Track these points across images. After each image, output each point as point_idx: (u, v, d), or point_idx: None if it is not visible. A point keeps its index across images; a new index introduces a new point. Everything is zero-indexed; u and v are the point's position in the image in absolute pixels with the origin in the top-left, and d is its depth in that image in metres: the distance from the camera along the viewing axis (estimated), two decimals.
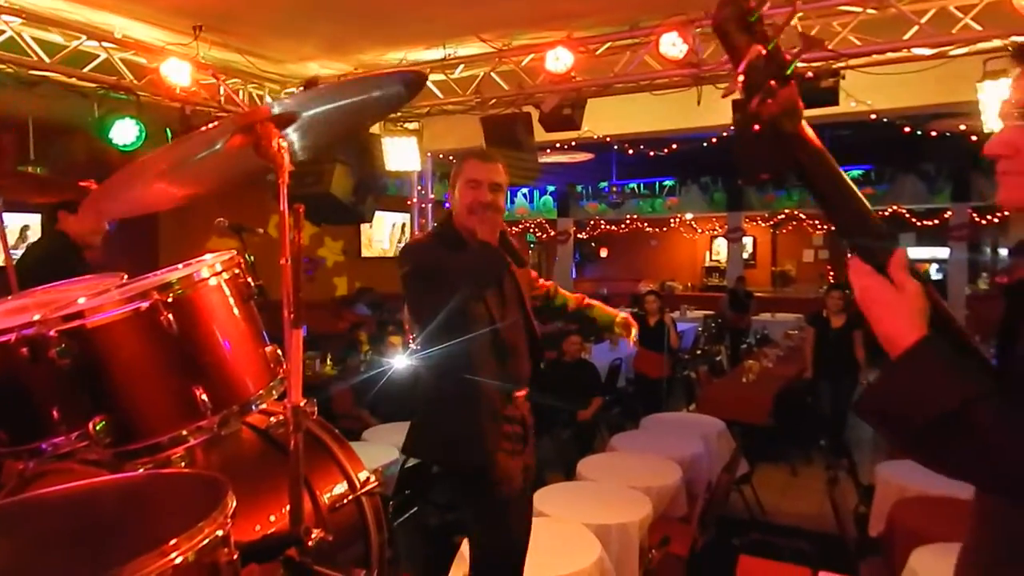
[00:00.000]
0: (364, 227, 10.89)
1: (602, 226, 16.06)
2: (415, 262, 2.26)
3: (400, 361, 6.10)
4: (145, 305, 1.21)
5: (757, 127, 0.95)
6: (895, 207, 12.25)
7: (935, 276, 13.56)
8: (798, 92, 0.95)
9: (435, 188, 7.96)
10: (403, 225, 11.71)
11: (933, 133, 7.26)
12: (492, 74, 5.23)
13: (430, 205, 7.53)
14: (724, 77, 4.45)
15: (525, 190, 14.69)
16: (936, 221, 12.52)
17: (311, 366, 6.35)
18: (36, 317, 1.28)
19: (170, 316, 1.22)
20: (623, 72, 4.81)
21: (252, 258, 2.90)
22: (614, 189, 13.30)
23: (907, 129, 7.59)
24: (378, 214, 7.69)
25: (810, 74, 4.24)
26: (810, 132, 0.98)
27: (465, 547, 2.83)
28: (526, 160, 5.30)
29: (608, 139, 6.33)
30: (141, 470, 1.29)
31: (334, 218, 6.21)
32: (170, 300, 1.23)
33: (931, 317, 0.89)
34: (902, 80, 4.31)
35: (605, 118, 5.68)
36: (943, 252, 13.17)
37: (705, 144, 7.83)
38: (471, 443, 2.18)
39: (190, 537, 0.89)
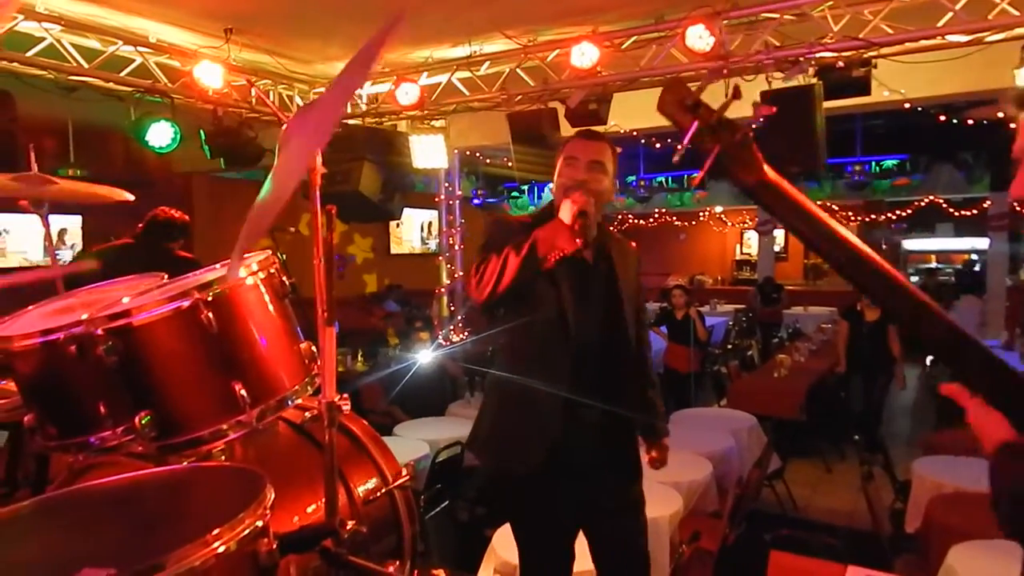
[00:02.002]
0: (392, 224, 11.00)
1: (630, 220, 15.97)
2: (483, 239, 2.06)
3: (428, 356, 6.17)
4: (186, 304, 1.26)
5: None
6: (931, 197, 11.98)
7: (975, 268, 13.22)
8: (751, 149, 1.08)
9: (462, 185, 8.00)
10: (430, 223, 11.79)
11: (970, 121, 7.09)
12: (517, 70, 5.24)
13: (457, 202, 7.57)
14: (752, 69, 4.40)
15: (552, 185, 14.65)
16: (974, 211, 12.21)
17: (342, 362, 6.44)
18: (83, 316, 1.33)
19: (210, 314, 1.26)
20: (649, 66, 4.78)
21: (284, 256, 2.97)
22: (642, 183, 13.23)
23: (942, 117, 7.42)
24: (406, 211, 7.78)
25: (841, 64, 4.17)
26: (777, 179, 1.08)
27: (496, 540, 2.87)
28: (552, 156, 5.28)
29: (635, 133, 6.29)
30: (184, 463, 1.34)
31: (363, 216, 6.29)
32: (210, 299, 1.27)
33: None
34: (936, 68, 4.21)
35: (632, 112, 5.64)
36: (982, 243, 12.83)
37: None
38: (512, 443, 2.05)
39: (232, 528, 0.93)
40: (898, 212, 13.49)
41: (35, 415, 1.47)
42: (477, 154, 8.02)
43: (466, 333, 7.34)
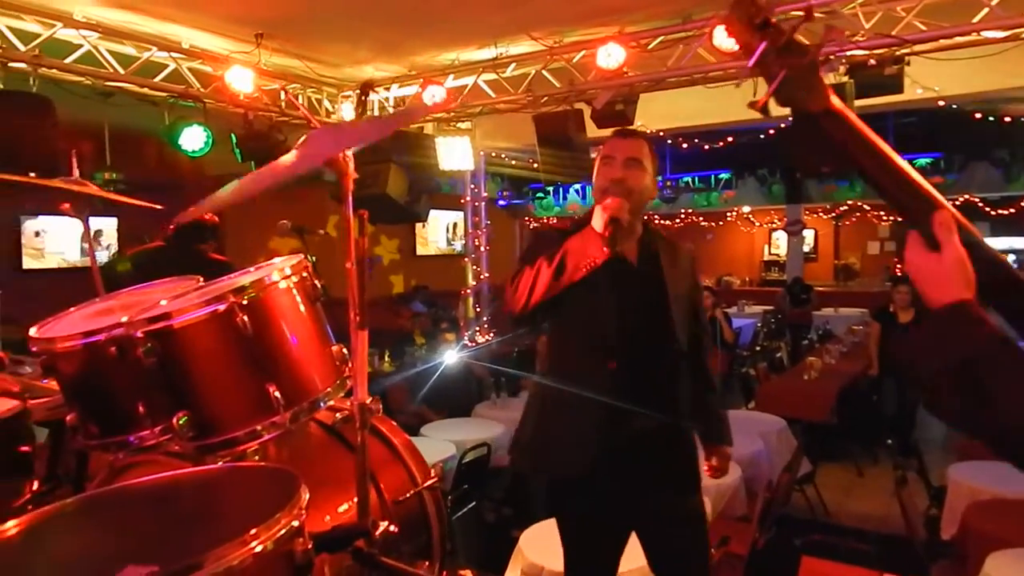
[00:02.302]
0: (418, 226, 11.06)
1: (656, 221, 15.86)
2: (522, 251, 2.08)
3: (454, 357, 6.19)
4: (222, 307, 1.28)
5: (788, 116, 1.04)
6: (967, 196, 11.70)
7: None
8: (818, 75, 1.02)
9: (488, 186, 8.03)
10: (455, 224, 11.84)
11: (1007, 119, 6.91)
12: (543, 72, 5.24)
13: (483, 203, 7.60)
14: None
15: (577, 186, 14.61)
16: (1012, 210, 11.90)
17: (369, 362, 6.50)
18: (123, 319, 1.37)
19: (245, 318, 1.29)
20: (676, 66, 4.75)
21: (314, 259, 3.00)
22: (668, 183, 13.13)
23: (978, 115, 7.25)
24: (432, 213, 7.82)
25: (872, 61, 4.10)
26: (842, 108, 1.02)
27: (523, 541, 2.87)
28: (578, 157, 5.29)
29: (661, 133, 6.26)
30: (219, 463, 1.37)
31: (390, 218, 6.34)
32: (245, 302, 1.30)
33: (984, 274, 0.92)
34: (971, 64, 4.12)
35: (658, 112, 5.62)
36: (1020, 242, 12.50)
37: (762, 136, 7.66)
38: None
39: (268, 527, 0.95)
40: None
41: (77, 414, 1.51)
42: (502, 155, 8.03)
43: (492, 334, 7.36)
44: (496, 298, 7.30)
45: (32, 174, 3.88)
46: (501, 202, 12.50)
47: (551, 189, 14.53)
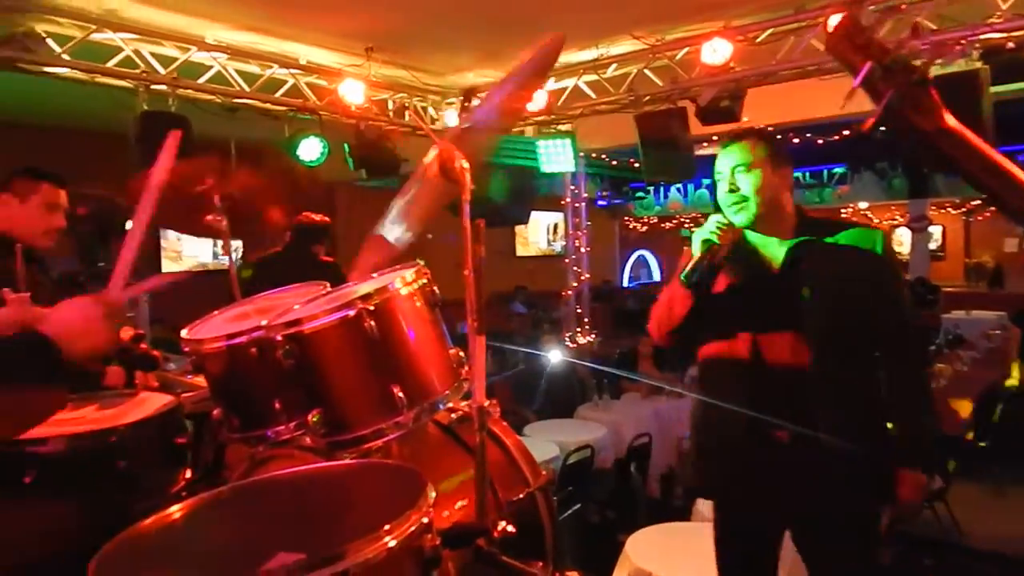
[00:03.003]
0: (518, 227, 11.20)
1: None
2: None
3: (555, 358, 6.22)
4: (352, 313, 1.36)
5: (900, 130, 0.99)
6: None
7: None
8: (929, 92, 0.97)
9: (587, 187, 8.00)
10: (555, 225, 11.88)
11: None
12: (645, 71, 5.17)
13: (583, 204, 7.59)
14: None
15: (678, 185, 14.28)
16: None
17: None
18: (263, 323, 1.48)
19: (372, 322, 1.36)
20: (787, 59, 4.56)
21: (421, 262, 3.12)
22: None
23: None
24: (532, 214, 7.90)
25: (1011, 44, 3.77)
26: (957, 127, 0.98)
27: (630, 546, 2.85)
28: (682, 156, 5.18)
29: (770, 128, 6.00)
30: (347, 459, 1.46)
31: (492, 220, 6.44)
32: (372, 308, 1.37)
33: None
34: None
35: (767, 107, 5.39)
36: None
37: (883, 128, 7.17)
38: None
39: (400, 523, 1.00)
40: None
41: (222, 409, 1.65)
42: (603, 156, 7.99)
43: (594, 335, 7.33)
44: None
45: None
46: (601, 202, 12.42)
47: (651, 188, 14.27)
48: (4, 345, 1.09)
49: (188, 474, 1.69)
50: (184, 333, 1.66)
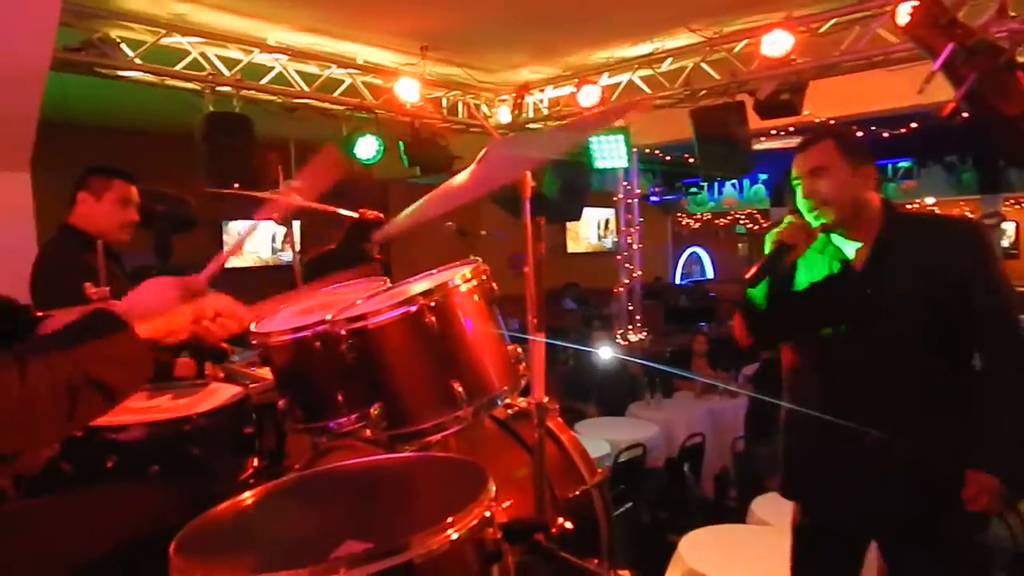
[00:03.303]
0: (569, 223, 11.15)
1: None
2: None
3: (606, 355, 6.18)
4: (413, 309, 1.39)
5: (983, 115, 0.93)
6: None
7: None
8: (1015, 75, 0.89)
9: (640, 183, 7.91)
10: (607, 221, 11.80)
11: None
12: (702, 64, 5.08)
13: (636, 200, 7.51)
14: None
15: (733, 180, 13.98)
16: None
17: None
18: (327, 317, 1.53)
19: (433, 318, 1.39)
20: (851, 49, 4.41)
21: (478, 259, 3.15)
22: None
23: None
24: (584, 210, 7.84)
25: None
26: None
27: (683, 547, 2.82)
28: (739, 151, 5.07)
29: (832, 122, 5.82)
30: (407, 451, 1.49)
31: (544, 217, 6.44)
32: (433, 304, 1.40)
33: None
34: None
35: (829, 99, 5.24)
36: None
37: (951, 120, 6.86)
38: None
39: (463, 516, 1.02)
40: None
41: (287, 400, 1.70)
42: (656, 151, 7.88)
43: (645, 332, 7.26)
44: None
45: (236, 185, 4.41)
46: (653, 198, 12.25)
47: (704, 184, 14.02)
48: (76, 321, 1.14)
49: (255, 462, 1.75)
50: (252, 326, 1.72)
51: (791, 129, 6.62)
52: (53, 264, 2.49)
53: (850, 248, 1.90)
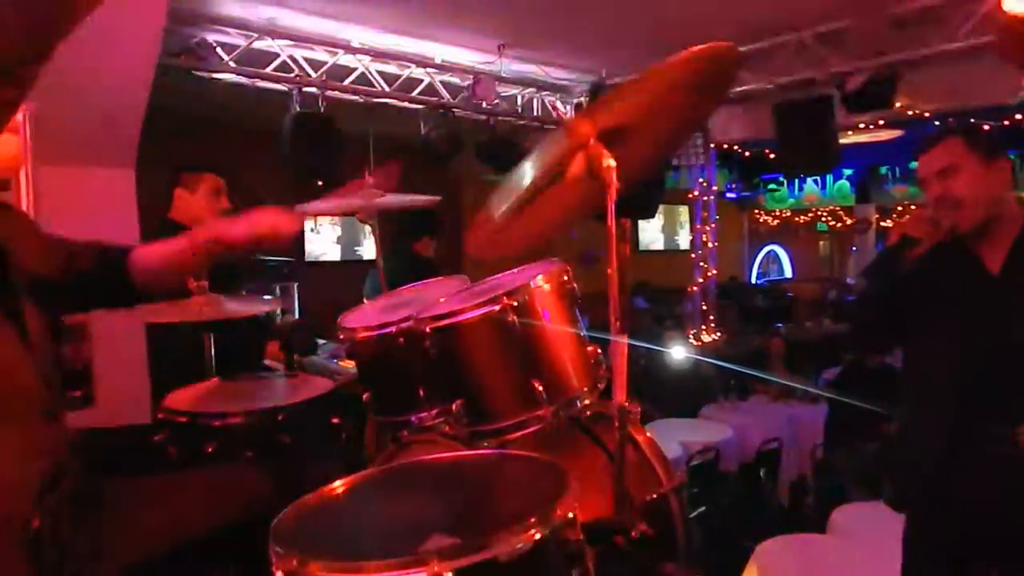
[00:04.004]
0: (641, 221, 11.00)
1: (911, 212, 13.98)
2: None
3: (679, 355, 6.07)
4: (496, 308, 1.42)
5: None
6: None
7: None
8: None
9: (716, 180, 7.72)
10: (679, 218, 11.57)
11: None
12: (787, 56, 4.91)
13: (712, 197, 7.33)
14: None
15: (817, 176, 13.42)
16: None
17: None
18: (412, 314, 1.57)
19: (515, 318, 1.41)
20: (951, 37, 4.16)
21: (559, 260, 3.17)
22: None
23: None
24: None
25: None
26: None
27: (758, 555, 2.75)
28: (826, 146, 4.88)
29: (927, 115, 5.52)
30: (485, 448, 1.51)
31: (617, 215, 6.39)
32: (516, 304, 1.42)
33: None
34: None
35: (924, 90, 4.97)
36: None
37: None
38: None
39: (546, 516, 1.03)
40: None
41: (371, 394, 1.76)
42: (735, 147, 7.66)
43: (719, 333, 7.10)
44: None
45: (319, 182, 4.57)
46: (730, 195, 11.91)
47: (784, 180, 13.53)
48: None
49: (340, 452, 1.82)
50: (340, 321, 1.79)
51: (880, 122, 6.32)
52: None
53: (988, 249, 1.78)
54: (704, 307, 7.29)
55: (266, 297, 1.97)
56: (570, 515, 1.06)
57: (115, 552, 1.24)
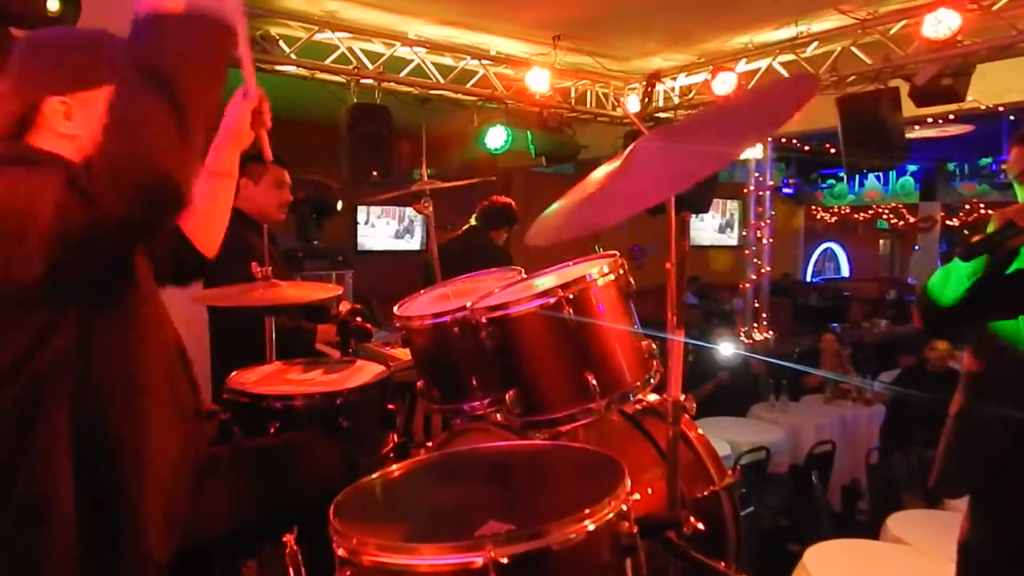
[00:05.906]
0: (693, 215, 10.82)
1: (980, 211, 13.39)
2: None
3: (728, 352, 5.97)
4: (552, 300, 1.43)
5: None
6: None
7: None
8: None
9: (773, 174, 7.54)
10: (731, 213, 11.33)
11: None
12: (852, 48, 4.74)
13: (768, 192, 7.17)
14: None
15: (880, 171, 12.96)
16: None
17: None
18: (467, 304, 1.59)
19: (570, 311, 1.42)
20: None
21: (600, 248, 3.16)
22: (1003, 167, 10.98)
23: None
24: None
25: None
26: None
27: (808, 559, 2.70)
28: (891, 141, 4.70)
29: (1001, 109, 5.27)
30: (538, 439, 1.53)
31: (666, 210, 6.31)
32: (571, 297, 1.43)
33: None
34: None
35: (996, 84, 4.75)
36: None
37: None
38: None
39: (600, 508, 1.04)
40: None
41: (425, 381, 1.80)
42: (794, 142, 7.46)
43: (771, 331, 6.95)
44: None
45: (374, 173, 4.65)
46: (786, 190, 11.61)
47: (844, 175, 13.11)
48: None
49: (395, 437, 1.87)
50: (396, 310, 1.83)
51: (950, 117, 6.06)
52: (227, 244, 2.78)
53: None
54: (756, 304, 7.15)
55: (329, 285, 2.03)
56: (624, 508, 1.06)
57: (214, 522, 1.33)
